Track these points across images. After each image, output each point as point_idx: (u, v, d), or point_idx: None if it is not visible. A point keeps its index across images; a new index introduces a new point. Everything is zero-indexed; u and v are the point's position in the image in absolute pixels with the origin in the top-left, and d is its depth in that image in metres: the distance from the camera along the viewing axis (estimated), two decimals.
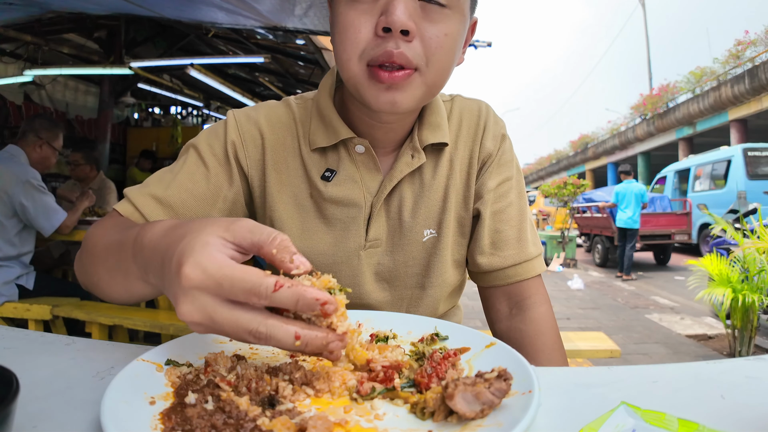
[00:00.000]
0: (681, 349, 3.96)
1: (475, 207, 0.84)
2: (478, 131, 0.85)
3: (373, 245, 0.82)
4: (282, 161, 0.82)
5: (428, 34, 0.64)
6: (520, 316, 0.82)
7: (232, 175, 0.80)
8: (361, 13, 0.64)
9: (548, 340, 0.79)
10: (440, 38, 0.65)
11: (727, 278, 3.43)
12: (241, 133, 0.80)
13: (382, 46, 0.63)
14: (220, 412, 0.38)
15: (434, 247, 0.83)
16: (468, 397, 0.38)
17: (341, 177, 0.79)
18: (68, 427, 0.39)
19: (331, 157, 0.80)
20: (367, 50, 0.64)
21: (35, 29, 5.03)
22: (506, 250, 0.82)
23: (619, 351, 2.36)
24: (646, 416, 0.35)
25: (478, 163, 0.84)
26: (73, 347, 0.57)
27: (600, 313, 5.27)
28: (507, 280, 0.83)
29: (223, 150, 0.79)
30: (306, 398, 0.43)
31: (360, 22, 0.64)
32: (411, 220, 0.82)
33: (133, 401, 0.39)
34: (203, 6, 3.59)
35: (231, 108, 1.33)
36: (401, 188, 0.81)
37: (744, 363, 0.54)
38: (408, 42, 0.63)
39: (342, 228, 0.80)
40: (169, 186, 0.76)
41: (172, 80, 7.34)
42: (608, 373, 0.52)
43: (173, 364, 0.47)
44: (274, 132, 0.82)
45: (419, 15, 0.64)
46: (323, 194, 0.79)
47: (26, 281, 2.64)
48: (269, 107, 0.85)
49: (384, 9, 0.63)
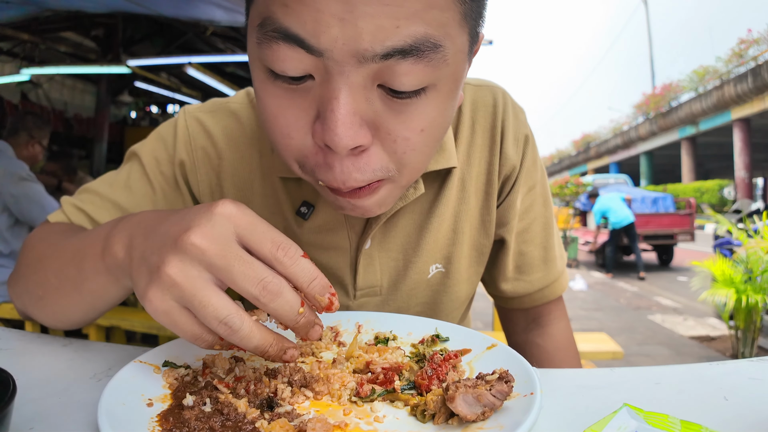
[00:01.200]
0: (684, 350, 3.94)
1: (498, 233, 0.71)
2: (496, 137, 0.68)
3: (368, 293, 0.68)
4: (247, 188, 0.67)
5: (395, 134, 0.44)
6: (537, 331, 0.78)
7: (183, 198, 0.69)
8: (287, 98, 0.43)
9: (566, 356, 0.76)
10: (414, 138, 0.44)
11: (731, 279, 3.42)
12: (192, 151, 0.67)
13: (326, 172, 0.45)
14: (218, 414, 0.38)
15: (441, 284, 0.71)
16: (469, 399, 0.38)
17: (320, 215, 0.64)
18: (65, 428, 0.38)
19: (308, 186, 0.64)
20: (310, 165, 0.46)
21: (32, 28, 5.03)
22: (532, 274, 0.73)
23: (622, 352, 2.36)
24: (649, 418, 0.35)
25: (498, 179, 0.68)
26: (71, 348, 0.56)
27: (602, 314, 5.26)
28: (532, 304, 0.77)
29: (170, 169, 0.67)
30: (305, 400, 0.43)
31: (288, 120, 0.44)
32: (414, 257, 0.68)
33: (131, 403, 0.39)
34: (201, 4, 3.60)
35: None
36: (399, 221, 0.67)
37: (747, 364, 0.54)
38: (357, 158, 0.44)
39: (326, 275, 0.64)
40: (104, 206, 0.66)
41: (169, 79, 7.33)
42: (611, 375, 0.51)
43: (171, 366, 0.46)
44: (237, 149, 0.67)
45: (378, 108, 0.42)
46: (298, 236, 0.66)
47: None
48: (231, 112, 0.69)
49: (321, 106, 0.42)
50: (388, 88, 0.41)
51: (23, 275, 0.59)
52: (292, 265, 0.39)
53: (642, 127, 21.04)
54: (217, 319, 0.37)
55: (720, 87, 15.25)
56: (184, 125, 0.68)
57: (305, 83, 0.42)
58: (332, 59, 0.39)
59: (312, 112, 0.43)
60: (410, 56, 0.39)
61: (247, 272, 0.38)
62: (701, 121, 17.07)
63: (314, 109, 0.43)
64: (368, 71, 0.40)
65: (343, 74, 0.39)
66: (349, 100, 0.40)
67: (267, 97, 0.44)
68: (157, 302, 0.38)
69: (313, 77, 0.42)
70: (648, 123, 20.40)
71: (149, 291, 0.39)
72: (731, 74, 14.82)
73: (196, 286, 0.37)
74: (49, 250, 0.57)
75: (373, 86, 0.41)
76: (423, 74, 0.40)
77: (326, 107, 0.41)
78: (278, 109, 0.44)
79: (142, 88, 7.37)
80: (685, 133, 18.25)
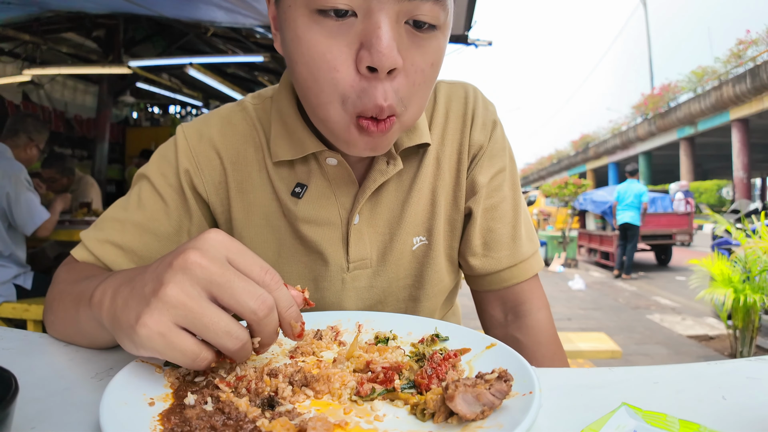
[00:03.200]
0: (682, 349, 3.95)
1: (466, 205, 0.77)
2: (467, 121, 0.76)
3: (360, 266, 0.74)
4: (246, 179, 0.73)
5: (414, 66, 0.54)
6: (516, 324, 0.77)
7: (189, 207, 0.72)
8: (331, 36, 0.51)
9: (548, 351, 0.74)
10: (426, 72, 0.55)
11: (729, 278, 3.42)
12: (194, 156, 0.72)
13: (369, 95, 0.52)
14: (219, 413, 0.38)
15: (426, 256, 0.76)
16: (468, 399, 0.38)
17: (313, 193, 0.71)
18: (67, 428, 0.39)
19: (300, 170, 0.71)
20: (352, 97, 0.53)
21: (34, 28, 5.02)
22: (500, 251, 0.75)
23: (620, 352, 2.37)
24: (647, 417, 0.35)
25: (468, 157, 0.76)
26: (72, 348, 0.57)
27: (601, 313, 5.27)
28: (502, 284, 0.77)
29: (177, 180, 0.72)
30: (306, 399, 0.43)
31: (334, 54, 0.51)
32: (398, 229, 0.74)
33: (132, 402, 0.39)
34: (202, 5, 3.60)
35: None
36: (383, 197, 0.73)
37: (745, 364, 0.54)
38: (393, 80, 0.53)
39: (318, 250, 0.72)
40: (126, 229, 0.70)
41: (171, 79, 7.32)
42: (609, 374, 0.51)
43: (172, 365, 0.47)
44: (233, 146, 0.73)
45: (405, 42, 0.53)
46: (295, 213, 0.71)
47: (24, 281, 2.65)
48: (222, 116, 0.75)
49: (365, 38, 0.51)
50: (413, 23, 0.52)
51: (48, 309, 0.64)
52: (277, 290, 0.43)
53: (641, 127, 21.07)
54: (226, 332, 0.40)
55: (718, 87, 15.27)
56: (183, 137, 0.73)
57: (348, 20, 0.51)
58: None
59: (355, 46, 0.51)
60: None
61: (248, 287, 0.41)
62: (700, 121, 17.09)
63: (357, 43, 0.51)
64: (400, 8, 0.50)
65: (383, 10, 0.50)
66: (389, 30, 0.50)
67: (313, 38, 0.52)
68: (153, 324, 0.39)
69: (355, 15, 0.50)
70: (647, 123, 20.43)
71: (143, 316, 0.39)
72: (730, 75, 14.84)
73: (201, 305, 0.39)
74: (63, 289, 0.62)
75: (401, 22, 0.52)
76: (437, 13, 0.52)
77: (372, 36, 0.50)
78: (326, 46, 0.51)
79: (143, 88, 7.35)
80: (684, 133, 18.27)
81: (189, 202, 0.72)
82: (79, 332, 0.56)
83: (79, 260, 0.70)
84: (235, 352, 0.41)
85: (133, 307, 0.41)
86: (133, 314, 0.40)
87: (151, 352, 0.40)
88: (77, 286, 0.58)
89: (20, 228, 2.59)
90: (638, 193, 7.70)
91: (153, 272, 0.42)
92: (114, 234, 0.70)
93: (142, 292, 0.41)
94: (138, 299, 0.41)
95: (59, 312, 0.59)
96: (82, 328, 0.54)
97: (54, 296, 0.63)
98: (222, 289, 0.40)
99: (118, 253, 0.69)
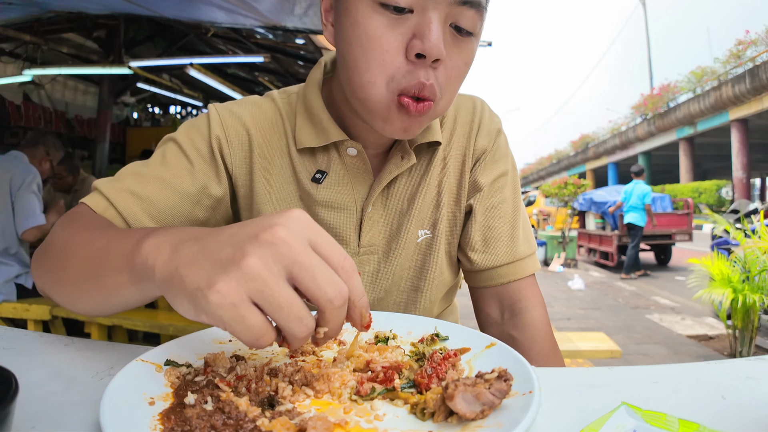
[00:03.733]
0: (682, 349, 3.95)
1: (468, 203, 0.82)
2: (473, 128, 0.82)
3: (368, 252, 0.79)
4: (270, 161, 0.77)
5: (452, 62, 0.62)
6: (512, 321, 0.78)
7: (219, 172, 0.74)
8: (389, 26, 0.59)
9: (543, 348, 0.75)
10: (460, 68, 0.63)
11: (728, 278, 3.43)
12: (225, 129, 0.75)
13: (413, 75, 0.59)
14: (219, 412, 0.38)
15: (429, 248, 0.81)
16: (468, 398, 0.38)
17: (332, 179, 0.76)
18: (67, 427, 0.39)
19: (321, 158, 0.76)
20: (397, 77, 0.60)
21: (34, 29, 5.02)
22: (498, 248, 0.79)
23: (620, 351, 2.37)
24: (647, 417, 0.35)
25: (472, 160, 0.82)
26: (72, 347, 0.57)
27: (601, 313, 5.27)
28: (499, 280, 0.79)
29: (208, 146, 0.74)
30: (306, 399, 0.43)
31: (388, 40, 0.59)
32: (405, 221, 0.79)
33: (133, 402, 0.39)
34: (202, 5, 3.59)
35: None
36: (394, 190, 0.79)
37: (745, 363, 0.54)
38: (435, 70, 0.60)
39: (333, 233, 0.76)
40: (147, 180, 0.69)
41: (171, 80, 7.32)
42: (609, 374, 0.52)
43: (172, 365, 0.47)
44: (261, 130, 0.77)
45: (448, 41, 0.60)
46: (314, 197, 0.75)
47: (25, 280, 2.66)
48: (253, 103, 0.80)
49: (417, 30, 0.58)
50: (455, 27, 0.60)
51: (49, 255, 0.60)
52: (352, 277, 0.42)
53: (640, 127, 21.08)
54: (299, 317, 0.38)
55: (718, 88, 15.28)
56: (215, 112, 0.76)
57: (405, 15, 0.59)
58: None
59: (407, 36, 0.59)
60: (474, 8, 0.60)
61: (329, 274, 0.39)
62: (699, 121, 17.10)
63: (410, 34, 0.59)
64: (449, 11, 0.59)
65: (436, 9, 0.58)
66: (439, 26, 0.58)
67: (371, 25, 0.59)
68: (227, 293, 0.36)
69: (411, 11, 0.59)
70: (646, 124, 20.44)
71: (219, 281, 0.36)
72: (729, 75, 14.85)
73: (279, 283, 0.37)
74: (77, 236, 0.57)
75: (447, 24, 0.60)
76: (476, 21, 0.61)
77: (425, 29, 0.58)
78: (382, 33, 0.59)
79: (143, 89, 7.34)
80: (683, 133, 18.28)
81: (219, 168, 0.74)
82: (94, 287, 0.51)
83: (91, 207, 0.66)
84: (299, 340, 0.39)
85: (204, 269, 0.38)
86: (203, 276, 0.38)
87: (213, 320, 0.38)
88: (99, 236, 0.54)
89: (15, 225, 2.63)
90: (641, 194, 7.71)
91: (231, 238, 0.39)
92: (133, 184, 0.68)
93: (217, 256, 0.38)
94: (212, 263, 0.38)
95: (68, 262, 0.55)
96: (104, 282, 0.49)
97: (59, 245, 0.58)
98: (304, 271, 0.38)
99: (135, 203, 0.67)
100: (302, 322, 0.38)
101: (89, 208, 0.66)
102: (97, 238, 0.54)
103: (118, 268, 0.47)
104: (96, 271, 0.50)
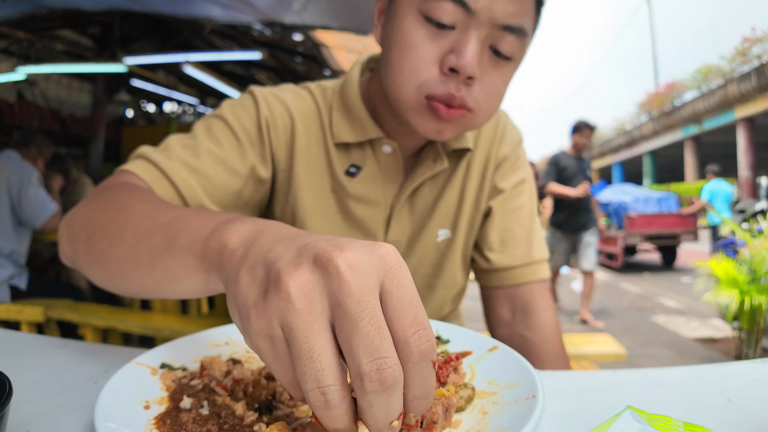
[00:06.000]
0: (687, 351, 3.92)
1: (487, 205, 0.84)
2: (496, 136, 0.85)
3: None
4: (309, 149, 0.77)
5: (489, 81, 0.63)
6: (524, 322, 0.80)
7: (265, 153, 0.73)
8: (429, 38, 0.61)
9: (553, 349, 0.77)
10: (498, 87, 0.65)
11: (734, 279, 3.39)
12: (271, 110, 0.75)
13: (444, 85, 0.61)
14: (215, 416, 0.38)
15: (447, 248, 0.83)
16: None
17: (365, 174, 0.77)
18: (62, 431, 0.38)
19: (356, 153, 0.77)
20: (428, 84, 0.62)
21: (28, 26, 4.99)
22: (515, 249, 0.82)
23: (625, 354, 2.34)
24: (652, 420, 0.34)
25: (493, 165, 0.84)
26: (67, 350, 0.56)
27: (605, 315, 5.24)
28: (514, 281, 0.81)
29: (256, 126, 0.73)
30: (303, 403, 0.43)
31: (426, 50, 0.61)
32: (428, 221, 0.81)
33: (128, 405, 0.39)
34: (199, 1, 3.59)
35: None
36: (421, 190, 0.81)
37: (751, 366, 0.53)
38: (468, 86, 0.62)
39: (362, 227, 0.79)
40: (200, 154, 0.66)
41: (167, 77, 7.25)
42: (613, 377, 0.51)
43: (168, 368, 0.46)
44: (302, 117, 0.78)
45: (485, 61, 0.62)
46: (347, 190, 0.77)
47: (19, 282, 2.65)
48: (294, 91, 0.80)
49: (455, 46, 0.60)
50: (494, 50, 0.62)
51: (91, 218, 0.52)
52: (419, 362, 0.29)
53: (645, 126, 20.96)
54: (318, 383, 0.28)
55: (724, 86, 15.17)
56: (261, 93, 0.76)
57: (446, 31, 0.60)
58: (476, 18, 0.59)
59: (445, 50, 0.60)
60: (514, 33, 0.61)
61: (373, 338, 0.28)
62: (705, 120, 16.98)
63: (448, 48, 0.60)
64: (489, 32, 0.60)
65: (477, 29, 0.59)
66: (475, 46, 0.59)
67: (413, 33, 0.61)
68: (261, 322, 0.30)
69: (453, 28, 0.60)
70: (651, 122, 20.32)
71: (258, 305, 0.31)
72: (735, 73, 14.74)
73: (313, 327, 0.29)
74: (137, 204, 0.50)
75: (486, 45, 0.61)
76: (515, 47, 0.62)
77: (462, 45, 0.59)
78: (422, 43, 0.61)
79: (139, 86, 7.29)
80: (689, 132, 18.16)
81: (265, 149, 0.73)
82: (153, 266, 0.44)
83: (140, 175, 0.61)
84: (314, 409, 0.29)
85: (256, 278, 0.32)
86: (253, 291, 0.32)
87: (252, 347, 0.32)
88: (166, 211, 0.47)
89: (29, 222, 2.64)
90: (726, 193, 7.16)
91: (300, 248, 0.32)
92: (186, 156, 0.65)
93: (273, 265, 0.31)
94: (263, 272, 0.32)
95: (120, 233, 0.47)
96: (165, 262, 0.43)
97: (110, 214, 0.51)
98: (346, 319, 0.29)
99: (189, 175, 0.63)
100: (319, 387, 0.28)
101: (136, 177, 0.60)
102: (165, 213, 0.47)
103: (186, 251, 0.41)
104: (158, 250, 0.43)
